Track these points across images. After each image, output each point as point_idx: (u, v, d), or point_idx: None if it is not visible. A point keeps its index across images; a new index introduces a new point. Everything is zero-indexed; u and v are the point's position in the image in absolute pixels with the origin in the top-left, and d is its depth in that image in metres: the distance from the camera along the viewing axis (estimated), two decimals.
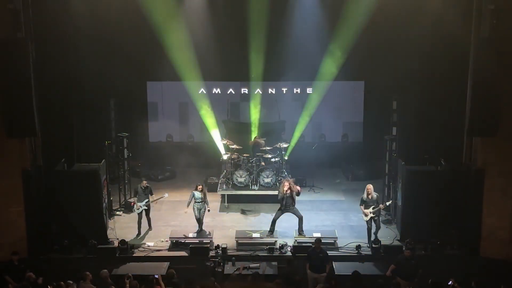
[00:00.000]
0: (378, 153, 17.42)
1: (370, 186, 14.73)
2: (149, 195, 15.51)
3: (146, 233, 15.55)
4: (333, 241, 14.64)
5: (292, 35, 18.45)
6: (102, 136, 17.47)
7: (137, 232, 15.40)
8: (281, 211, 14.86)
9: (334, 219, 16.46)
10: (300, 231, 14.82)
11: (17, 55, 13.17)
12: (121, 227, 15.77)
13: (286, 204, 14.77)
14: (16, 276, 12.96)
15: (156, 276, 12.15)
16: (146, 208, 15.51)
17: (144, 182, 15.66)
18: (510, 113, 13.58)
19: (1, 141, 13.62)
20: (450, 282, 11.73)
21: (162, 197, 15.89)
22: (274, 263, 13.83)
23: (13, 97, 13.31)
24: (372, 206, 14.46)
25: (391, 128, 17.40)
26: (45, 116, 14.34)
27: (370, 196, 14.55)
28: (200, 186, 15.12)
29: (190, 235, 14.81)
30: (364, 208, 14.55)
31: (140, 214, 15.50)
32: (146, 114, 20.72)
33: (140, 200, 15.41)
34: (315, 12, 18.22)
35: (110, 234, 15.14)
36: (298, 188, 15.07)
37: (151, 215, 15.74)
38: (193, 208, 15.11)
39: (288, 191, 14.69)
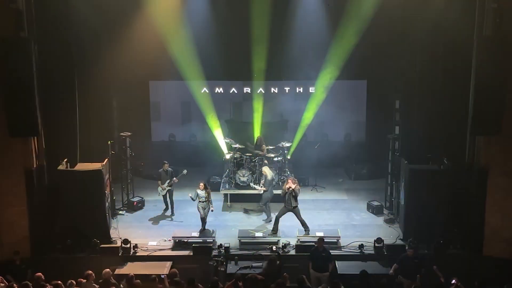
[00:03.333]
0: (381, 152, 17.41)
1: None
2: (172, 177, 16.40)
3: (149, 231, 15.61)
4: (335, 240, 14.64)
5: (295, 34, 18.46)
6: (105, 135, 17.47)
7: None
8: (285, 208, 14.87)
9: (337, 218, 16.46)
10: (305, 229, 14.82)
11: (20, 55, 13.16)
12: (124, 227, 15.80)
13: (287, 201, 14.78)
14: (18, 276, 12.99)
15: (163, 276, 12.18)
16: (170, 188, 16.43)
17: (166, 165, 16.54)
18: None
19: (4, 141, 13.64)
20: (453, 281, 11.72)
21: (181, 174, 16.54)
22: (277, 262, 13.80)
23: (16, 97, 13.30)
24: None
25: (394, 127, 17.37)
26: (47, 115, 14.35)
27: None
28: (202, 185, 15.14)
29: (193, 234, 14.82)
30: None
31: (164, 197, 16.60)
32: (149, 113, 20.74)
33: (163, 183, 16.44)
34: (317, 11, 18.23)
35: (113, 233, 15.17)
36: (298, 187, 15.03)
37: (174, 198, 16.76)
38: (198, 207, 15.14)
39: (290, 189, 14.69)
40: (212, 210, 15.28)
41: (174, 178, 16.40)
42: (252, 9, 17.83)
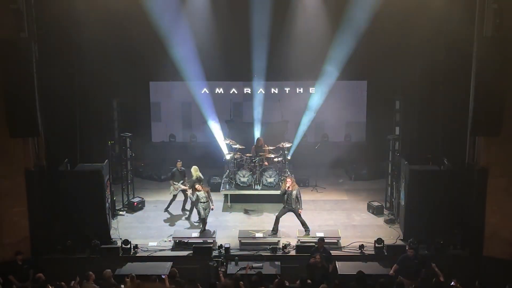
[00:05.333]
0: (381, 153, 17.41)
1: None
2: (185, 176, 16.46)
3: (149, 232, 15.62)
4: (336, 241, 14.65)
5: (295, 35, 18.46)
6: (105, 136, 17.50)
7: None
8: (285, 208, 14.88)
9: (337, 218, 16.45)
10: (305, 229, 14.83)
11: (20, 55, 13.18)
12: (124, 227, 15.79)
13: (287, 202, 14.79)
14: (20, 276, 13.02)
15: (163, 276, 12.19)
16: (184, 188, 16.39)
17: (179, 163, 16.55)
18: None
19: (5, 141, 13.64)
20: (453, 282, 11.71)
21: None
22: (277, 262, 13.83)
23: (16, 97, 13.31)
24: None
25: (394, 127, 17.39)
26: (48, 116, 14.36)
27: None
28: (199, 186, 15.13)
29: (194, 234, 14.82)
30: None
31: (174, 196, 16.56)
32: (149, 114, 20.76)
33: (177, 182, 16.38)
34: (318, 11, 18.24)
35: (113, 234, 15.17)
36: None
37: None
38: (198, 208, 15.12)
39: (290, 188, 14.70)
40: (212, 209, 15.28)
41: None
42: (252, 9, 17.84)
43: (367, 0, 16.59)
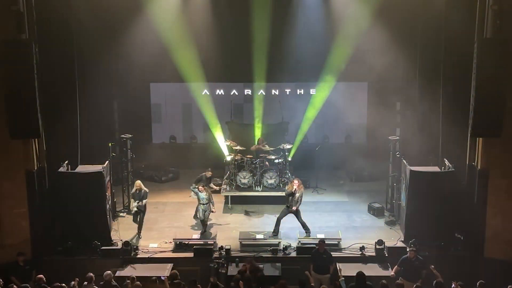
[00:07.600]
0: (382, 154, 17.39)
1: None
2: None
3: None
4: (336, 242, 14.64)
5: (295, 36, 18.45)
6: (106, 137, 17.49)
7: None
8: (287, 209, 14.86)
9: (338, 220, 16.44)
10: (306, 231, 14.83)
11: (21, 57, 13.16)
12: (125, 229, 15.76)
13: (290, 203, 14.78)
14: (21, 277, 13.00)
15: (163, 278, 12.19)
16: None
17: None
18: None
19: (5, 143, 13.64)
20: (453, 285, 11.69)
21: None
22: (278, 264, 13.82)
23: (17, 99, 13.30)
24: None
25: (395, 129, 17.37)
26: (48, 117, 14.36)
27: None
28: (202, 187, 15.14)
29: (194, 236, 14.82)
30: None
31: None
32: (150, 115, 20.74)
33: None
34: (318, 12, 18.24)
35: (114, 235, 15.15)
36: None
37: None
38: (198, 210, 15.12)
39: (297, 189, 14.70)
40: (213, 211, 15.28)
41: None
42: (253, 10, 17.85)
43: (367, 1, 16.60)
